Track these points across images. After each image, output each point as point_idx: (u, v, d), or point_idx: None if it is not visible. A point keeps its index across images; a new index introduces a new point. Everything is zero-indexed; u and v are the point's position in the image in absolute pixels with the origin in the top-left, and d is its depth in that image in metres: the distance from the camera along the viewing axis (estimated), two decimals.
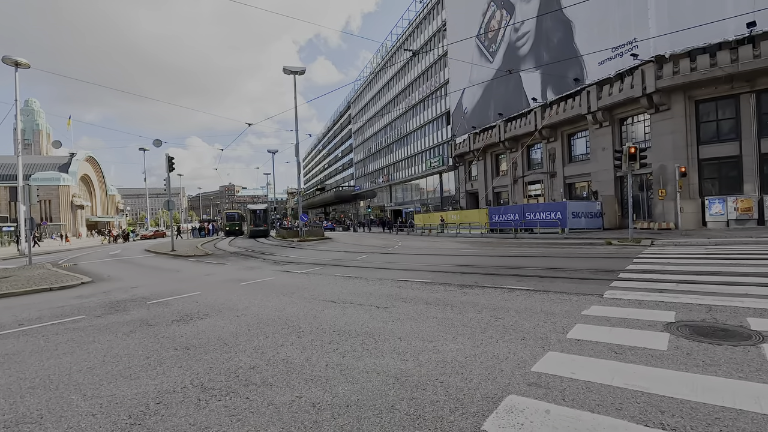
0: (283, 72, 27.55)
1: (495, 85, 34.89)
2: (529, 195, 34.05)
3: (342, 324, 5.25)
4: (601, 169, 26.11)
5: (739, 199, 19.56)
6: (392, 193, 65.01)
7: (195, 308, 6.73)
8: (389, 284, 8.23)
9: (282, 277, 10.41)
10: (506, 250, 15.58)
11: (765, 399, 2.71)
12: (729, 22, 18.72)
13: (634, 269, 8.57)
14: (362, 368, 3.64)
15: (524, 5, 31.75)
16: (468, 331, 4.66)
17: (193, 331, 5.24)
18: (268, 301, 7.05)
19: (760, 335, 3.95)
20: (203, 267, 14.17)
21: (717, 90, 20.29)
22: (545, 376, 3.26)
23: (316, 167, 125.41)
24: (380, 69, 66.79)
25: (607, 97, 24.46)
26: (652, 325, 4.47)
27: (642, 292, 6.14)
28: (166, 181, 22.75)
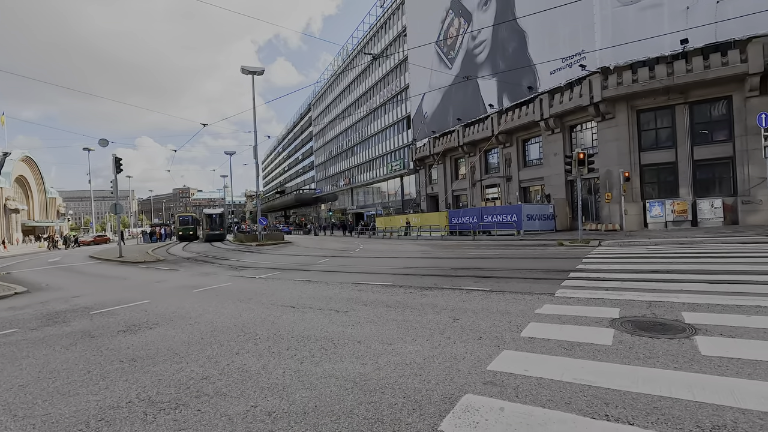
0: (241, 72, 26.86)
1: (454, 91, 35.74)
2: (486, 198, 35.06)
3: (301, 329, 5.15)
4: (554, 173, 27.34)
5: (676, 202, 21.12)
6: (354, 196, 64.89)
7: (144, 317, 6.38)
8: (350, 288, 8.18)
9: (239, 282, 10.09)
10: (465, 252, 15.94)
11: (696, 387, 2.92)
12: (665, 38, 20.23)
13: (583, 269, 9.01)
14: (321, 374, 3.58)
15: (481, 14, 32.79)
16: (427, 332, 4.71)
17: (141, 342, 4.96)
18: (223, 308, 6.80)
19: (693, 328, 4.27)
20: (154, 274, 13.47)
21: (656, 101, 21.83)
22: (500, 374, 3.35)
23: (275, 170, 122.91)
24: (341, 72, 66.62)
25: (558, 105, 25.67)
26: (599, 322, 4.72)
27: (590, 291, 6.47)
28: (113, 183, 21.48)
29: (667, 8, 20.84)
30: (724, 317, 4.59)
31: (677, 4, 20.47)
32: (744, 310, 4.85)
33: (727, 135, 20.61)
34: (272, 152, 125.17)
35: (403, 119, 48.60)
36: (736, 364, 3.29)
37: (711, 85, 20.10)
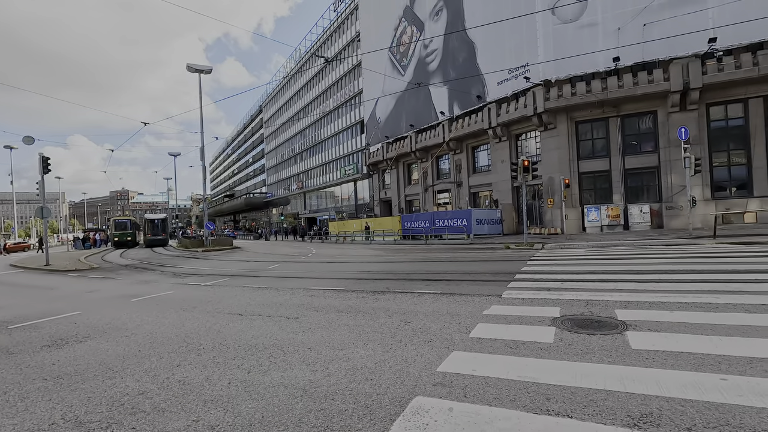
0: (186, 70, 25.66)
1: (407, 97, 36.33)
2: (438, 203, 35.87)
3: (249, 338, 4.96)
4: (501, 179, 28.51)
5: (610, 207, 22.74)
6: (306, 200, 63.92)
7: (73, 330, 5.87)
8: (301, 293, 8.02)
9: (183, 290, 9.58)
10: (417, 255, 16.17)
11: (627, 380, 3.13)
12: (600, 56, 21.85)
13: (527, 270, 9.44)
14: (269, 383, 3.46)
15: (433, 24, 33.65)
16: (378, 336, 4.71)
17: (69, 357, 4.55)
18: (164, 318, 6.41)
19: (625, 324, 4.59)
20: (87, 283, 12.46)
21: (592, 113, 23.45)
22: (449, 375, 3.41)
23: (224, 172, 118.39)
24: (294, 74, 65.60)
25: (504, 115, 26.85)
26: (542, 321, 4.95)
27: (534, 291, 6.78)
28: (40, 185, 19.68)
29: (602, 28, 22.51)
30: (651, 313, 4.98)
31: (610, 25, 22.17)
32: (668, 306, 5.28)
33: (653, 146, 22.54)
34: (221, 154, 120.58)
35: (357, 123, 48.68)
36: (661, 356, 3.57)
37: (639, 100, 21.92)
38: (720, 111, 21.34)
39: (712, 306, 5.12)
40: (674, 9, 20.47)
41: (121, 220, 40.42)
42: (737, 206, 20.38)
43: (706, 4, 20.12)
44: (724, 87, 20.22)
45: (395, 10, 38.08)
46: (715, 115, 21.41)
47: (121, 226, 38.99)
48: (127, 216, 46.94)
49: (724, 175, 21.56)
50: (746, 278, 6.79)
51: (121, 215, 54.94)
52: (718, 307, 5.08)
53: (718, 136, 21.39)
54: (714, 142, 21.39)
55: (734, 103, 20.94)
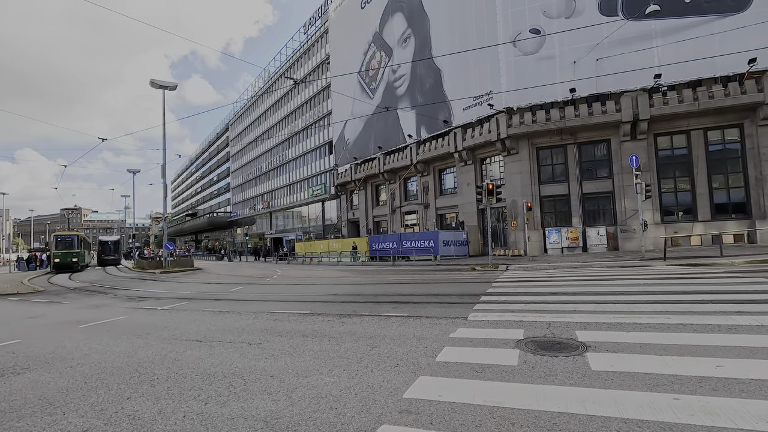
0: (150, 85, 25.02)
1: (375, 120, 36.88)
2: (406, 224, 36.15)
3: (207, 366, 4.73)
4: (466, 202, 29.17)
5: (569, 230, 23.69)
6: (273, 220, 62.79)
7: (10, 361, 5.39)
8: (264, 318, 7.77)
9: (137, 315, 9.06)
10: (385, 277, 16.12)
11: (588, 401, 3.20)
12: (558, 86, 23.14)
13: (492, 292, 9.59)
14: (227, 415, 3.29)
15: (401, 50, 34.66)
16: (344, 362, 4.61)
17: (4, 392, 4.15)
18: (115, 346, 6.01)
19: (585, 345, 4.72)
20: (28, 308, 11.57)
21: (551, 140, 24.62)
22: (416, 401, 3.37)
23: (187, 191, 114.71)
24: (262, 94, 65.34)
25: (470, 139, 27.72)
26: (506, 343, 5.01)
27: (499, 313, 6.88)
28: None
29: (559, 61, 23.93)
30: (609, 334, 5.15)
31: (567, 58, 23.62)
32: (624, 327, 5.49)
33: (607, 172, 23.85)
34: (184, 172, 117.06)
35: (326, 144, 48.77)
36: (619, 377, 3.68)
37: (594, 129, 23.27)
38: (666, 141, 22.98)
39: (665, 326, 5.37)
40: (623, 46, 22.10)
41: (66, 236, 32.47)
42: (684, 230, 21.76)
43: (651, 43, 21.87)
44: (669, 119, 21.85)
45: (365, 35, 39.01)
46: (662, 145, 23.02)
47: (64, 243, 31.64)
48: (73, 231, 37.72)
49: (672, 201, 23.04)
50: (694, 299, 7.18)
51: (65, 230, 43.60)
52: (669, 327, 5.33)
53: (666, 164, 22.95)
54: (662, 170, 22.91)
55: (678, 134, 22.63)
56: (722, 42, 20.28)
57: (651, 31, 21.88)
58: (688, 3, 21.20)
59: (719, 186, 22.14)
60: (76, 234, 33.70)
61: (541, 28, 24.31)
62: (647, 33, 21.95)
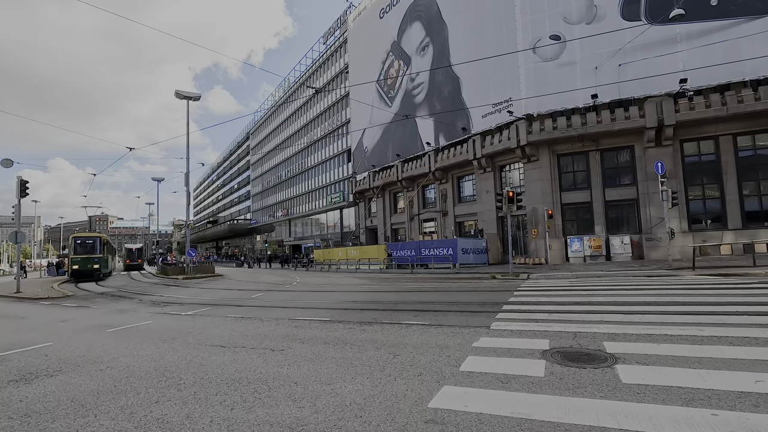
0: (175, 96, 25.78)
1: (393, 128, 37.03)
2: (424, 232, 36.00)
3: (231, 371, 4.78)
4: (486, 209, 28.89)
5: (592, 238, 23.17)
6: (292, 227, 63.45)
7: (43, 363, 5.57)
8: (286, 324, 7.82)
9: (162, 320, 9.24)
10: (404, 285, 16.05)
11: (620, 415, 3.10)
12: (579, 93, 22.85)
13: (514, 301, 9.43)
14: (253, 421, 3.31)
15: (419, 59, 34.83)
16: (367, 370, 4.59)
17: (39, 394, 4.29)
18: (142, 350, 6.15)
19: (614, 357, 4.58)
20: (59, 312, 11.94)
21: (572, 147, 24.23)
22: (441, 411, 3.33)
23: (208, 198, 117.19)
24: (282, 103, 66.50)
25: (489, 147, 27.53)
26: (531, 353, 4.91)
27: (522, 323, 6.75)
28: (16, 209, 19.10)
29: (580, 67, 23.62)
30: (639, 346, 4.99)
31: (588, 64, 23.30)
32: (655, 338, 5.31)
33: (631, 179, 23.29)
34: (206, 180, 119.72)
35: (344, 152, 49.18)
36: (652, 391, 3.56)
37: (617, 135, 22.79)
38: (693, 147, 22.33)
39: (698, 338, 5.18)
40: (647, 51, 21.68)
41: (85, 239, 27.35)
42: (713, 238, 20.99)
43: (676, 47, 21.39)
44: (696, 124, 21.24)
45: (383, 44, 39.37)
46: (689, 151, 22.37)
47: (84, 247, 26.66)
48: (94, 233, 30.57)
49: (700, 208, 22.30)
50: (728, 310, 6.91)
51: (84, 231, 38.44)
52: (703, 339, 5.13)
53: (693, 171, 22.27)
54: (689, 177, 22.23)
55: (706, 140, 21.95)
56: (751, 45, 19.67)
57: (676, 35, 21.41)
58: (715, 6, 20.68)
59: (750, 193, 21.33)
60: (98, 236, 28.06)
61: (561, 34, 24.08)
62: (672, 37, 21.48)
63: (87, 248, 26.64)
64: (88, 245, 26.78)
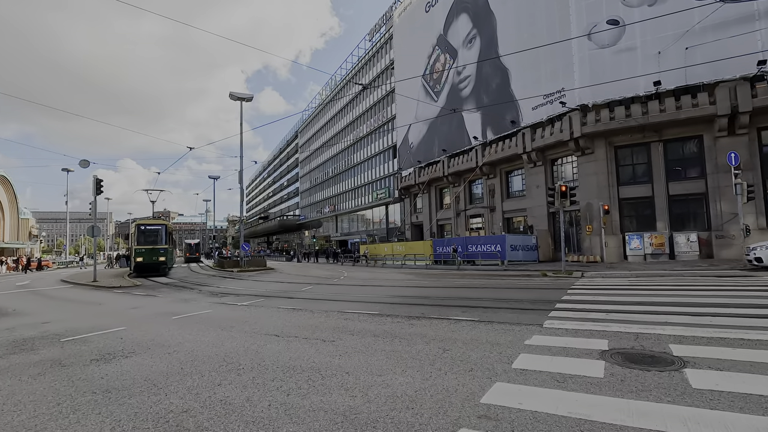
0: (229, 98, 27.04)
1: (439, 123, 36.62)
2: (471, 228, 35.38)
3: (286, 359, 4.98)
4: (536, 205, 27.88)
5: (653, 235, 21.68)
6: (338, 223, 64.69)
7: (119, 345, 6.08)
8: (335, 316, 8.01)
9: (220, 309, 9.79)
10: (451, 281, 15.90)
11: (691, 422, 2.90)
12: (640, 80, 21.36)
13: (568, 300, 9.06)
14: (308, 407, 3.44)
15: (466, 51, 34.13)
16: (417, 363, 4.61)
17: (116, 372, 4.70)
18: (204, 336, 6.55)
19: (682, 360, 4.28)
20: (130, 299, 12.98)
21: (632, 138, 22.76)
22: (494, 407, 3.28)
23: (259, 195, 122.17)
24: (329, 101, 67.79)
25: (539, 139, 26.50)
26: (589, 353, 4.70)
27: (577, 322, 6.47)
28: (92, 205, 20.95)
29: (641, 52, 22.09)
30: (710, 350, 4.63)
31: (650, 49, 21.74)
32: (729, 342, 4.90)
33: (699, 172, 21.51)
34: (257, 177, 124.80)
35: (390, 148, 49.35)
36: (728, 398, 3.29)
37: (683, 124, 21.12)
38: None
39: None
40: (718, 32, 19.88)
41: (150, 226, 24.57)
42: None
43: (754, 26, 19.43)
44: None
45: (429, 38, 38.97)
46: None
47: (149, 235, 23.85)
48: (159, 220, 28.53)
49: None
50: None
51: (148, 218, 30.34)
52: None
53: None
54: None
55: None
56: None
57: (753, 12, 19.46)
58: None
59: None
60: (164, 224, 25.20)
61: (620, 19, 22.63)
62: (748, 14, 19.54)
63: (152, 237, 23.83)
64: (153, 234, 23.91)
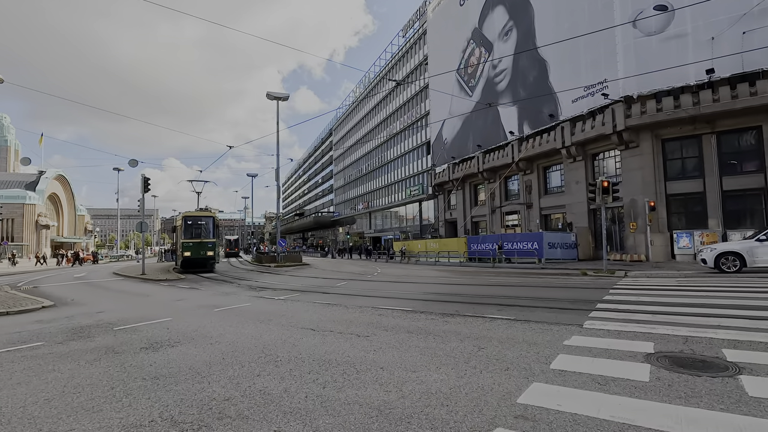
0: (266, 97, 27.73)
1: (474, 118, 36.00)
2: (506, 225, 34.65)
3: (322, 353, 5.07)
4: (575, 201, 26.91)
5: (705, 233, 20.39)
6: (372, 219, 65.08)
7: (166, 335, 6.41)
8: (370, 312, 8.08)
9: (258, 303, 10.10)
10: (485, 278, 15.65)
11: (748, 431, 2.71)
12: (690, 68, 20.08)
13: (611, 300, 8.70)
14: (344, 400, 3.49)
15: (502, 44, 33.32)
16: (451, 360, 4.58)
17: (164, 360, 4.96)
18: (243, 329, 6.78)
19: (737, 366, 4.02)
20: (175, 292, 13.64)
21: (681, 130, 21.47)
22: (531, 408, 3.20)
23: (295, 192, 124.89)
24: (363, 98, 68.17)
25: (580, 133, 25.51)
26: (633, 356, 4.49)
27: (620, 323, 6.21)
28: (140, 202, 22.13)
29: (692, 38, 20.77)
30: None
31: (702, 35, 20.40)
32: None
33: (757, 165, 20.02)
34: (293, 175, 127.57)
35: (423, 145, 49.06)
36: None
37: (739, 114, 19.70)
38: None
39: None
40: None
41: (198, 219, 23.20)
42: None
43: None
44: None
45: (464, 32, 38.35)
46: None
47: (196, 229, 22.54)
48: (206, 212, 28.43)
49: None
50: None
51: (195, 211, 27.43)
52: None
53: None
54: None
55: None
56: None
57: None
58: None
59: None
60: (211, 215, 23.75)
61: (668, 3, 21.34)
62: None
63: (200, 230, 22.48)
64: (201, 227, 22.58)
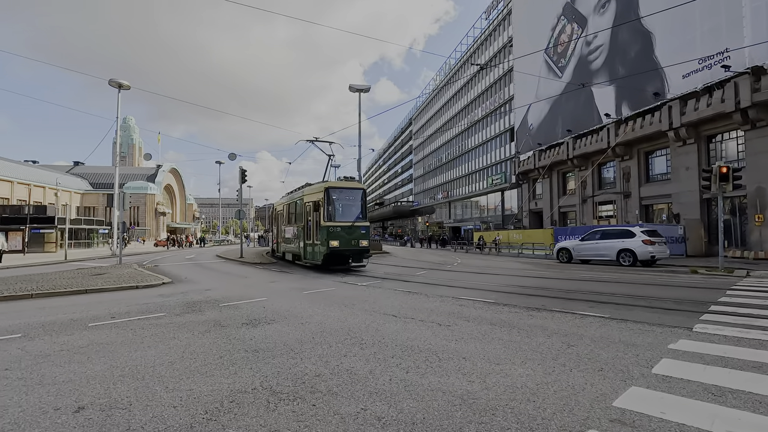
0: (348, 90, 28.52)
1: (563, 101, 33.54)
2: (599, 216, 32.00)
3: (404, 339, 5.19)
4: (684, 190, 23.90)
5: None
6: (451, 209, 64.24)
7: (262, 313, 7.03)
8: (450, 302, 8.05)
9: (342, 288, 10.59)
10: (574, 273, 14.66)
11: None
12: None
13: (728, 302, 7.65)
14: (427, 386, 3.55)
15: (597, 18, 30.43)
16: (538, 356, 4.40)
17: (261, 335, 5.46)
18: (330, 311, 7.18)
19: None
20: (268, 274, 14.83)
21: None
22: (630, 413, 2.97)
23: (375, 182, 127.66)
24: (443, 86, 67.03)
25: (692, 113, 22.49)
26: (757, 367, 3.93)
27: (740, 328, 5.45)
28: (239, 192, 24.31)
29: None
30: None
31: None
32: None
33: None
34: (373, 165, 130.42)
35: (506, 132, 46.99)
36: None
37: None
38: None
39: None
40: None
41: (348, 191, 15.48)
42: None
43: None
44: None
45: (553, 8, 35.70)
46: None
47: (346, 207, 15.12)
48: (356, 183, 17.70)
49: None
50: None
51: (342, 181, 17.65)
52: None
53: None
54: None
55: None
56: None
57: None
58: None
59: None
60: (362, 188, 16.20)
61: None
62: None
63: (350, 210, 15.30)
64: (351, 203, 15.41)
